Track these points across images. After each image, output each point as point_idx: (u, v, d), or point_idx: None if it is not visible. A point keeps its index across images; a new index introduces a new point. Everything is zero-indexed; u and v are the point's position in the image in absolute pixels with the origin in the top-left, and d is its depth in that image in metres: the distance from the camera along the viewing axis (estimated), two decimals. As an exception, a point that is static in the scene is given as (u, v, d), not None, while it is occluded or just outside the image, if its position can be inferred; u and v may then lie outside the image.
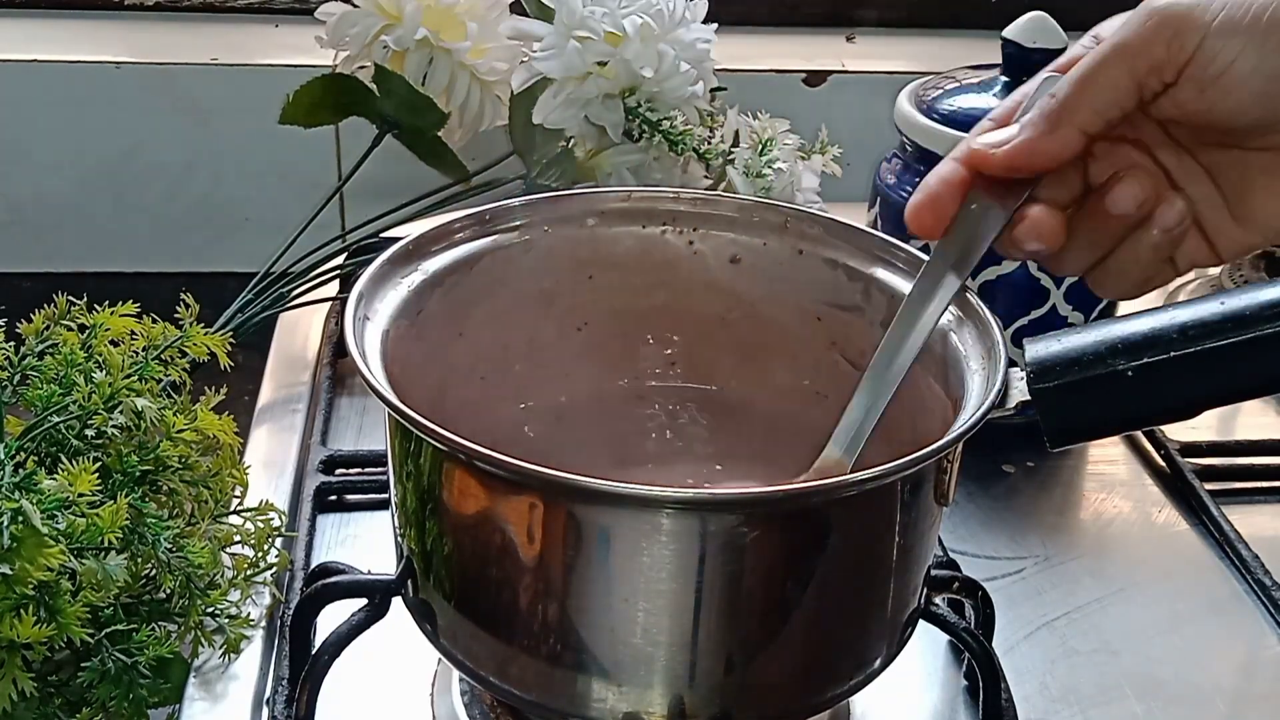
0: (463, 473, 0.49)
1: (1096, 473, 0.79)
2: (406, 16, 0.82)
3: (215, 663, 0.61)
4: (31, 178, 1.04)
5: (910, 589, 0.53)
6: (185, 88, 1.03)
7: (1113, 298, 0.59)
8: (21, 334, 0.64)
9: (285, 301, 0.84)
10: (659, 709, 0.49)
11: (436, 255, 0.59)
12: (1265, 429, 0.82)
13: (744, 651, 0.50)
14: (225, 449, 0.64)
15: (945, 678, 0.63)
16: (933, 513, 0.52)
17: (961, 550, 0.71)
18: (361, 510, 0.72)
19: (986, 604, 0.61)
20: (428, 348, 0.58)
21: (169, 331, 0.65)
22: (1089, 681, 0.63)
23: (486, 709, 0.59)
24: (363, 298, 0.54)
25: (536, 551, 0.48)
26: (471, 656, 0.52)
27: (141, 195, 1.06)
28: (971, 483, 0.76)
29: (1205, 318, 0.48)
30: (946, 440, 0.48)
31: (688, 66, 0.79)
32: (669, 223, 0.62)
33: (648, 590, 0.47)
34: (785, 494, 0.48)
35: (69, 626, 0.53)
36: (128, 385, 0.61)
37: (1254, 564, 0.70)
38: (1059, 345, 0.50)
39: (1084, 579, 0.70)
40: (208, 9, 1.12)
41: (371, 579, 0.56)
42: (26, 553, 0.51)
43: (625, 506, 0.47)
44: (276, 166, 1.05)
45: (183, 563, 0.58)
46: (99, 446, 0.60)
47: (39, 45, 1.05)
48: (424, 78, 0.83)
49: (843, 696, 0.55)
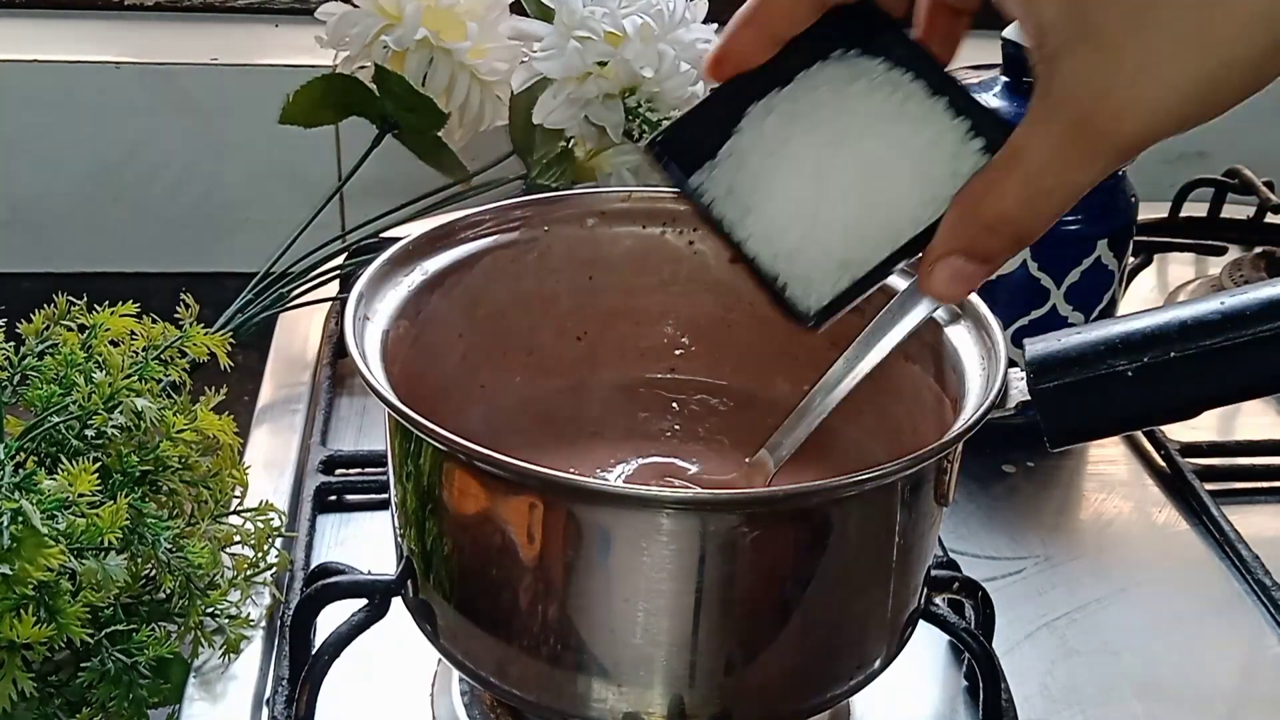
0: (463, 473, 0.49)
1: (1096, 473, 0.79)
2: (406, 16, 0.82)
3: (215, 663, 0.61)
4: (31, 178, 1.04)
5: (910, 589, 0.53)
6: (185, 88, 1.03)
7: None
8: (21, 334, 0.64)
9: (285, 301, 0.84)
10: (659, 709, 0.49)
11: (436, 255, 0.59)
12: (1265, 429, 0.82)
13: (744, 651, 0.50)
14: (225, 449, 0.64)
15: (945, 678, 0.63)
16: (933, 513, 0.52)
17: (961, 550, 0.71)
18: (361, 510, 0.72)
19: (986, 604, 0.61)
20: (428, 348, 0.58)
21: (169, 331, 0.65)
22: (1089, 681, 0.63)
23: (486, 709, 0.59)
24: (363, 298, 0.54)
25: (536, 552, 0.48)
26: (471, 657, 0.52)
27: (141, 195, 1.06)
28: (971, 483, 0.76)
29: (1205, 318, 0.48)
30: (946, 440, 0.48)
31: (688, 66, 0.79)
32: (669, 223, 0.62)
33: (648, 590, 0.47)
34: (785, 494, 0.48)
35: (69, 626, 0.53)
36: (128, 385, 0.61)
37: (1254, 564, 0.70)
38: (1059, 345, 0.50)
39: (1084, 579, 0.70)
40: (208, 9, 1.12)
41: (371, 579, 0.56)
42: (26, 553, 0.51)
43: (625, 507, 0.47)
44: (276, 166, 1.05)
45: (183, 563, 0.58)
46: (99, 446, 0.60)
47: (39, 45, 1.05)
48: (424, 78, 0.83)
49: (843, 697, 0.55)
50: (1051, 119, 0.38)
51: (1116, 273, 0.77)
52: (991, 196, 0.40)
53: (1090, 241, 0.75)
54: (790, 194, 0.46)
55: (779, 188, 0.46)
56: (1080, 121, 0.38)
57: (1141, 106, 0.37)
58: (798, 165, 0.46)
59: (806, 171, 0.46)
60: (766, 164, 0.46)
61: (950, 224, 0.42)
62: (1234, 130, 1.11)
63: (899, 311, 0.54)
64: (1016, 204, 0.40)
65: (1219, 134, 1.20)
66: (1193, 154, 1.12)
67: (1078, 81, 0.37)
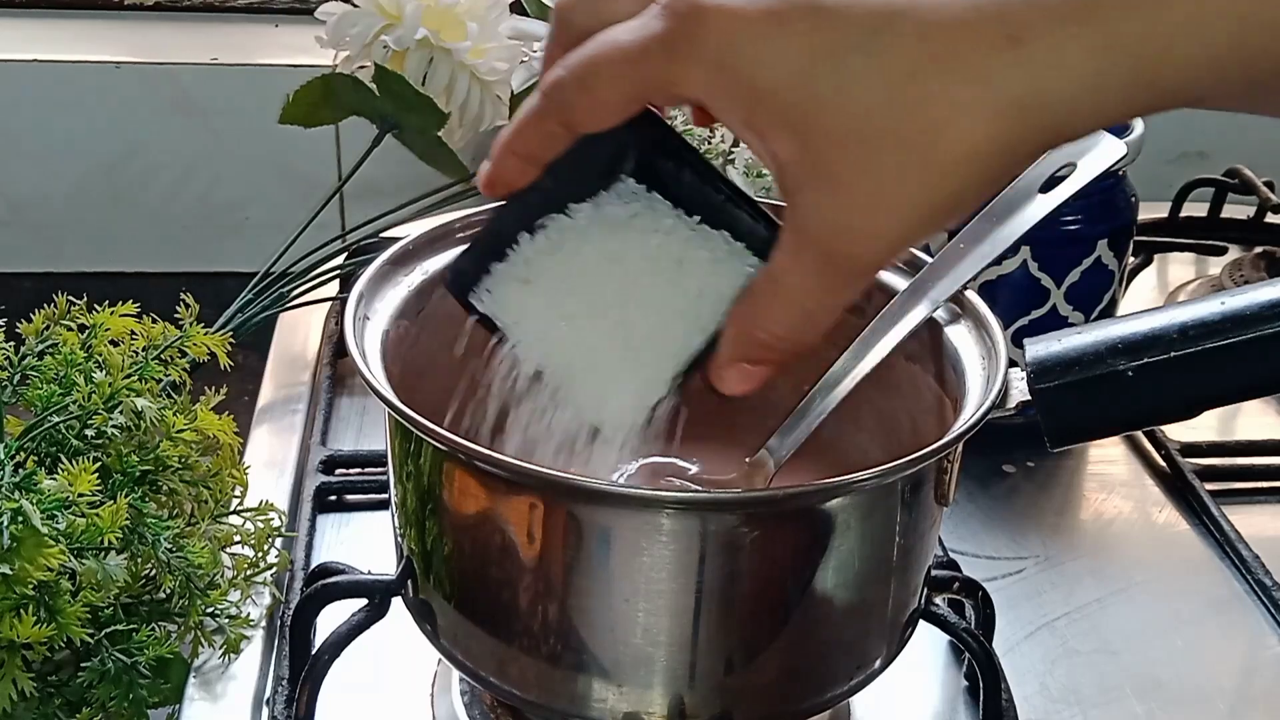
0: (463, 473, 0.49)
1: (1096, 473, 0.79)
2: (406, 16, 0.82)
3: (215, 663, 0.61)
4: (31, 178, 1.04)
5: (910, 589, 0.53)
6: (185, 88, 1.03)
7: None
8: (21, 334, 0.64)
9: (285, 301, 0.84)
10: (659, 709, 0.49)
11: (436, 255, 0.58)
12: (1265, 429, 0.82)
13: (744, 651, 0.50)
14: (225, 449, 0.64)
15: (945, 678, 0.63)
16: (933, 513, 0.52)
17: (961, 550, 0.71)
18: (361, 510, 0.72)
19: (986, 604, 0.61)
20: (428, 348, 0.57)
21: (169, 331, 0.65)
22: (1089, 681, 0.63)
23: (486, 709, 0.59)
24: (363, 298, 0.54)
25: (536, 552, 0.48)
26: (471, 656, 0.52)
27: (141, 195, 1.06)
28: (971, 483, 0.76)
29: (1205, 318, 0.48)
30: (946, 440, 0.48)
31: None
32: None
33: (648, 590, 0.47)
34: (785, 494, 0.48)
35: (69, 626, 0.53)
36: (128, 385, 0.61)
37: (1254, 564, 0.70)
38: (1059, 345, 0.50)
39: (1084, 579, 0.70)
40: (208, 9, 1.12)
41: (371, 579, 0.56)
42: (26, 553, 0.51)
43: (625, 507, 0.47)
44: (276, 166, 1.05)
45: (183, 563, 0.58)
46: (99, 446, 0.60)
47: (39, 45, 1.05)
48: (424, 78, 0.83)
49: (843, 697, 0.55)
50: (802, 250, 0.42)
51: (1116, 273, 0.77)
52: (761, 319, 0.44)
53: (1090, 241, 0.75)
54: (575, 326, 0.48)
55: (562, 321, 0.48)
56: (828, 254, 0.41)
57: (877, 236, 0.40)
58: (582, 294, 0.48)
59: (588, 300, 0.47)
60: (551, 293, 0.48)
61: (729, 340, 0.46)
62: (1234, 130, 1.11)
63: (899, 311, 0.54)
64: (784, 326, 0.44)
65: (1219, 134, 1.21)
66: (1193, 154, 1.13)
67: (819, 218, 0.41)
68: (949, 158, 0.38)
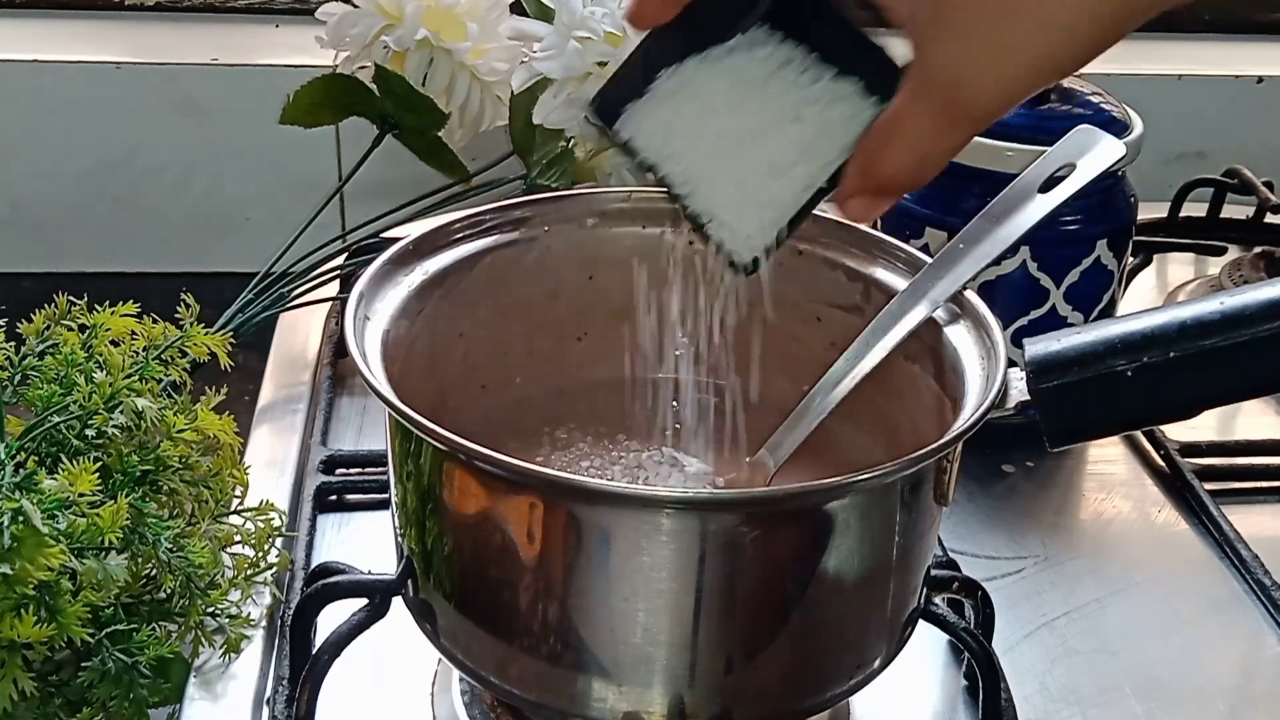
0: (463, 473, 0.49)
1: (1096, 473, 0.79)
2: (406, 17, 0.82)
3: (215, 663, 0.61)
4: (31, 178, 1.04)
5: (910, 589, 0.53)
6: (185, 88, 1.03)
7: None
8: (21, 334, 0.64)
9: (285, 301, 0.84)
10: (659, 709, 0.50)
11: (436, 255, 0.59)
12: (1265, 429, 0.82)
13: (744, 651, 0.50)
14: (225, 449, 0.64)
15: (945, 678, 0.64)
16: (932, 513, 0.52)
17: (961, 550, 0.71)
18: (361, 510, 0.72)
19: (986, 604, 0.61)
20: (428, 348, 0.58)
21: (169, 331, 0.65)
22: (1089, 681, 0.63)
23: (486, 709, 0.59)
24: (363, 298, 0.54)
25: (536, 551, 0.48)
26: (471, 656, 0.52)
27: (141, 195, 1.06)
28: (971, 483, 0.76)
29: (1205, 318, 0.48)
30: (946, 440, 0.48)
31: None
32: (669, 223, 0.62)
33: (648, 590, 0.47)
34: (785, 494, 0.48)
35: (69, 626, 0.53)
36: (128, 385, 0.61)
37: (1254, 564, 0.70)
38: (1059, 345, 0.50)
39: (1084, 579, 0.70)
40: (208, 9, 1.12)
41: (371, 579, 0.56)
42: (26, 553, 0.51)
43: (625, 507, 0.47)
44: (276, 166, 1.05)
45: (183, 563, 0.58)
46: (99, 446, 0.60)
47: (39, 45, 1.05)
48: (424, 78, 0.83)
49: (842, 696, 0.55)
50: (923, 97, 0.45)
51: (1116, 273, 0.77)
52: (883, 159, 0.47)
53: (1090, 241, 0.75)
54: (712, 151, 0.50)
55: (701, 147, 0.50)
56: (947, 101, 0.44)
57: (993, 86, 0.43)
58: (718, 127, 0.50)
59: (723, 132, 0.50)
60: (690, 124, 0.50)
61: (853, 175, 0.48)
62: (1234, 130, 1.11)
63: (899, 311, 0.54)
64: (903, 166, 0.46)
65: (1219, 134, 1.21)
66: (1192, 154, 1.13)
67: (941, 67, 0.44)
68: (1066, 12, 0.41)
